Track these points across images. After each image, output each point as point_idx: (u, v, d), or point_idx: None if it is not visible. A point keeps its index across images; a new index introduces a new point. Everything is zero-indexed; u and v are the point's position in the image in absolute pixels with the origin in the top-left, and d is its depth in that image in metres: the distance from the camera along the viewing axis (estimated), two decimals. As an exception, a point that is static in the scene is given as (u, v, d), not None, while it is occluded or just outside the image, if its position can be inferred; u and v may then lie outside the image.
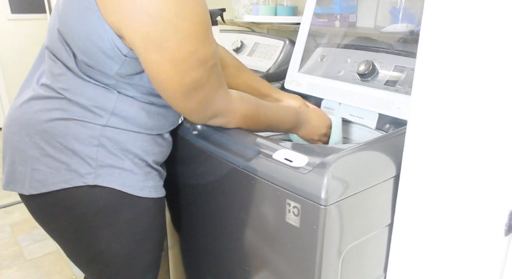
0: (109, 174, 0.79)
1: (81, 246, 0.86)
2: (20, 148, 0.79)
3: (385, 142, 0.83)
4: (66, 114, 0.77)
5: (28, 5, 3.56)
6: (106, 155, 0.79)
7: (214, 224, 0.98)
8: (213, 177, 0.93)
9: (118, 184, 0.80)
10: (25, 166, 0.79)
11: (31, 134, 0.78)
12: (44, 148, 0.77)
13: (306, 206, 0.71)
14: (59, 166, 0.77)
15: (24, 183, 0.80)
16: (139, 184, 0.83)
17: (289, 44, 1.39)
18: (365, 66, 1.06)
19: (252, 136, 0.88)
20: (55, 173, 0.77)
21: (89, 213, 0.81)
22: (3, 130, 0.85)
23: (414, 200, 0.74)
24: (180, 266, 1.23)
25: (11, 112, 0.83)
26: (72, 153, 0.77)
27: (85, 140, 0.77)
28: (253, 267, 0.90)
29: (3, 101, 3.69)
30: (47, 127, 0.77)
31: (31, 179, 0.79)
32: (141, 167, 0.84)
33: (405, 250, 0.79)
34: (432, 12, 0.62)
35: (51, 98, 0.78)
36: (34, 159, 0.78)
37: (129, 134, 0.81)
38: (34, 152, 0.78)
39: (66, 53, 0.76)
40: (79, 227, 0.82)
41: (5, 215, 2.29)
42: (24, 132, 0.79)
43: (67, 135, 0.77)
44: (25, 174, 0.79)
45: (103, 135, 0.78)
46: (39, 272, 1.82)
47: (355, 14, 1.33)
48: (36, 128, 0.78)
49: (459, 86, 0.62)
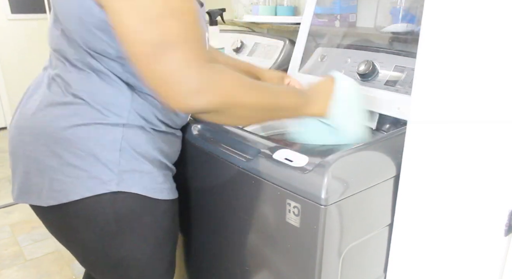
0: (131, 178, 0.77)
1: (102, 255, 0.83)
2: (36, 158, 0.76)
3: (385, 142, 0.83)
4: (87, 119, 0.75)
5: (28, 5, 3.56)
6: (127, 159, 0.76)
7: (214, 224, 0.98)
8: (213, 177, 0.93)
9: (140, 189, 0.78)
10: (42, 176, 0.76)
11: (49, 143, 0.75)
12: (63, 157, 0.74)
13: (306, 206, 0.71)
14: (80, 174, 0.74)
15: (41, 194, 0.77)
16: (158, 186, 0.81)
17: (289, 44, 1.39)
18: (365, 66, 1.06)
19: (253, 136, 0.88)
20: (76, 181, 0.74)
21: (112, 221, 0.78)
22: (12, 140, 0.82)
23: (414, 200, 0.74)
24: (181, 265, 1.23)
25: (21, 122, 0.80)
26: (94, 159, 0.74)
27: (107, 144, 0.75)
28: (253, 267, 0.90)
29: (3, 101, 3.69)
30: (67, 134, 0.74)
31: (49, 189, 0.76)
32: (159, 169, 0.82)
33: (405, 250, 0.79)
34: (432, 12, 0.62)
35: (67, 104, 0.75)
36: (52, 169, 0.75)
37: (147, 135, 0.79)
38: (53, 161, 0.75)
39: (71, 48, 0.74)
40: (102, 236, 0.79)
41: (5, 215, 2.29)
42: (41, 142, 0.76)
43: (89, 141, 0.74)
44: (42, 185, 0.76)
45: (124, 138, 0.76)
46: (39, 272, 1.82)
47: (355, 14, 1.32)
48: (54, 137, 0.75)
49: (459, 86, 0.62)
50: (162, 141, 0.83)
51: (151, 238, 0.84)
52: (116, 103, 0.76)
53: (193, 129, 0.96)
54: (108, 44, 0.72)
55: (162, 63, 0.61)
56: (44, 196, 0.76)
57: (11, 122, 0.84)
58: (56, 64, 0.79)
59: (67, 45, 0.75)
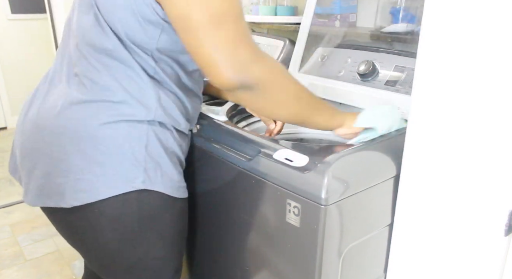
0: (154, 176, 0.77)
1: (119, 256, 0.81)
2: (60, 158, 0.74)
3: (385, 142, 0.83)
4: (114, 117, 0.74)
5: (28, 5, 3.56)
6: (152, 157, 0.76)
7: (214, 223, 0.98)
8: (213, 177, 0.93)
9: (162, 187, 0.78)
10: (66, 176, 0.74)
11: (75, 142, 0.74)
12: (91, 155, 0.73)
13: (306, 205, 0.71)
14: (107, 172, 0.73)
15: (64, 195, 0.74)
16: (176, 184, 0.81)
17: (289, 44, 1.39)
18: (365, 66, 1.06)
19: (253, 136, 0.88)
20: (102, 180, 0.73)
21: (135, 220, 0.77)
22: (25, 142, 0.79)
23: (414, 200, 0.74)
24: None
25: (41, 121, 0.77)
26: (122, 156, 0.74)
27: (134, 141, 0.75)
28: (253, 267, 0.90)
29: (3, 101, 3.69)
30: (95, 132, 0.73)
31: (73, 189, 0.74)
32: (177, 167, 0.82)
33: (405, 250, 0.79)
34: (432, 12, 0.62)
35: (93, 102, 0.74)
36: (78, 168, 0.73)
37: (170, 132, 0.80)
38: (79, 160, 0.73)
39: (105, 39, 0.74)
40: (123, 236, 0.78)
41: (5, 215, 2.29)
42: (66, 141, 0.74)
43: (117, 138, 0.74)
44: (65, 185, 0.74)
45: (150, 135, 0.76)
46: (39, 272, 1.82)
47: (355, 14, 1.32)
48: (81, 135, 0.74)
49: (459, 86, 0.62)
50: (181, 138, 0.84)
51: (167, 238, 0.84)
52: (143, 100, 0.76)
53: (193, 129, 0.96)
54: (151, 36, 0.73)
55: (214, 35, 0.65)
56: (68, 197, 0.74)
57: (23, 120, 0.82)
58: (77, 60, 0.78)
59: (100, 35, 0.74)
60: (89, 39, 0.75)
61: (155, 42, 0.74)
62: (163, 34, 0.74)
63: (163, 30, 0.73)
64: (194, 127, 0.95)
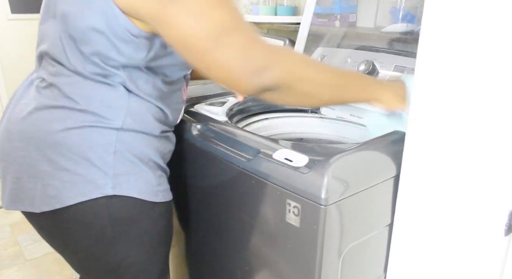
0: (126, 181, 0.76)
1: (97, 261, 0.81)
2: (28, 164, 0.74)
3: (385, 142, 0.83)
4: (80, 122, 0.73)
5: (28, 5, 3.56)
6: (122, 162, 0.75)
7: (214, 224, 0.98)
8: (213, 177, 0.93)
9: (135, 192, 0.77)
10: (34, 182, 0.74)
11: (41, 148, 0.73)
12: (57, 161, 0.73)
13: (306, 205, 0.71)
14: (74, 178, 0.73)
15: (34, 200, 0.75)
16: (153, 189, 0.80)
17: (289, 44, 1.39)
18: (365, 66, 1.06)
19: (253, 136, 0.88)
20: (70, 186, 0.73)
21: (107, 225, 0.76)
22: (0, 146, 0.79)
23: (414, 200, 0.74)
24: (181, 265, 1.24)
25: (11, 126, 0.77)
26: (88, 163, 0.73)
27: (101, 147, 0.74)
28: (253, 267, 0.90)
29: (3, 101, 3.69)
30: (60, 138, 0.73)
31: (42, 195, 0.74)
32: (154, 171, 0.81)
33: (405, 250, 0.79)
34: (432, 12, 0.62)
35: (60, 108, 0.74)
36: (46, 174, 0.73)
37: (142, 137, 0.79)
38: (46, 166, 0.73)
39: (71, 52, 0.73)
40: (96, 241, 0.78)
41: (5, 215, 2.29)
42: (33, 146, 0.74)
43: (83, 144, 0.73)
44: (35, 191, 0.74)
45: (119, 141, 0.75)
46: (39, 272, 1.82)
47: (355, 14, 1.33)
48: (47, 141, 0.73)
49: (459, 86, 0.62)
50: (157, 142, 0.82)
51: (146, 242, 0.83)
52: (111, 107, 0.75)
53: (193, 129, 0.96)
54: (121, 52, 0.72)
55: (222, 51, 0.64)
56: (38, 202, 0.74)
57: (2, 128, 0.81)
58: (46, 67, 0.78)
59: (66, 48, 0.74)
60: (54, 52, 0.75)
61: (125, 57, 0.73)
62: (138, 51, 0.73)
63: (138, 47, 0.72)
64: (194, 129, 0.95)
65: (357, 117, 1.10)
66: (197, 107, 1.07)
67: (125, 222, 0.78)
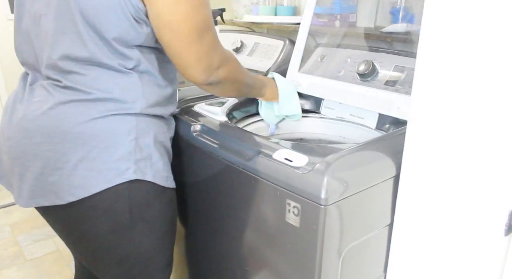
0: (145, 166, 0.80)
1: (112, 249, 0.84)
2: (53, 157, 0.76)
3: (385, 142, 0.83)
4: (103, 112, 0.76)
5: (28, 5, 3.56)
6: (141, 147, 0.79)
7: (214, 223, 0.98)
8: (213, 177, 0.93)
9: (152, 176, 0.81)
10: (59, 174, 0.76)
11: (66, 140, 0.75)
12: (82, 151, 0.75)
13: (306, 206, 0.71)
14: (99, 166, 0.76)
15: (59, 193, 0.76)
16: (164, 174, 0.84)
17: (289, 44, 1.39)
18: (365, 66, 1.06)
19: (253, 136, 0.88)
20: (96, 174, 0.76)
21: (127, 210, 0.80)
22: (13, 146, 0.79)
23: (414, 200, 0.74)
24: (181, 265, 1.24)
25: (27, 124, 0.78)
26: (112, 150, 0.76)
27: (124, 134, 0.77)
28: (253, 267, 0.90)
29: (3, 101, 3.69)
30: (85, 129, 0.75)
31: (68, 186, 0.76)
32: (164, 156, 0.85)
33: (405, 250, 0.79)
34: (432, 12, 0.62)
35: (82, 101, 0.76)
36: (71, 165, 0.75)
37: (156, 121, 0.84)
38: (72, 157, 0.75)
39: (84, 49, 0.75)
40: (116, 226, 0.81)
41: (5, 215, 2.29)
42: (56, 140, 0.75)
43: (107, 132, 0.76)
44: (60, 183, 0.76)
45: (138, 126, 0.79)
46: (39, 272, 1.82)
47: (355, 14, 1.33)
48: (71, 132, 0.75)
49: (459, 86, 0.62)
50: (166, 125, 0.88)
51: (158, 228, 0.87)
52: (126, 95, 0.78)
53: (193, 129, 0.96)
54: (138, 32, 0.76)
55: (202, 44, 0.76)
56: (63, 194, 0.76)
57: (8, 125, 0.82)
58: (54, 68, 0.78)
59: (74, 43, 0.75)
60: (62, 49, 0.76)
61: (141, 37, 0.77)
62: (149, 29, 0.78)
63: (148, 25, 0.77)
64: (194, 129, 0.95)
65: (357, 117, 1.10)
66: (196, 107, 1.07)
67: (141, 206, 0.82)
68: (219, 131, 0.93)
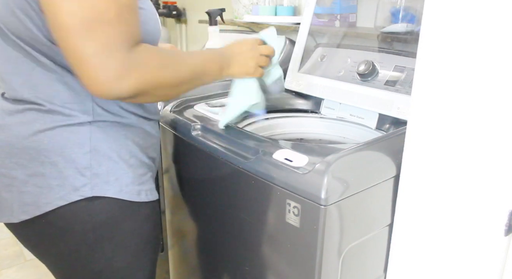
0: (105, 182, 0.71)
1: (79, 268, 0.77)
2: (2, 173, 0.71)
3: (385, 142, 0.83)
4: (49, 123, 0.69)
5: (28, 5, 3.56)
6: (100, 161, 0.71)
7: (214, 224, 0.98)
8: (213, 177, 0.93)
9: (115, 192, 0.72)
10: (10, 191, 0.70)
11: (12, 155, 0.70)
12: (30, 167, 0.69)
13: (306, 206, 0.71)
14: (50, 182, 0.69)
15: (12, 210, 0.71)
16: (135, 188, 0.75)
17: (289, 44, 1.39)
18: (365, 66, 1.06)
19: (253, 136, 0.88)
20: (47, 191, 0.69)
21: (89, 229, 0.72)
22: None
23: (414, 200, 0.74)
24: (180, 265, 1.24)
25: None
26: (63, 165, 0.69)
27: (75, 147, 0.69)
28: (253, 267, 0.90)
29: (3, 101, 3.69)
30: (30, 143, 0.69)
31: (20, 203, 0.70)
32: (136, 168, 0.76)
33: (405, 250, 0.79)
34: (432, 12, 0.62)
35: (23, 111, 0.69)
36: (20, 181, 0.70)
37: (118, 130, 0.73)
38: (19, 173, 0.69)
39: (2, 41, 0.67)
40: (78, 246, 0.74)
41: (5, 215, 2.29)
42: (3, 155, 0.70)
43: (55, 146, 0.69)
44: (12, 200, 0.71)
45: (93, 138, 0.71)
46: (39, 272, 1.82)
47: (355, 14, 1.33)
48: (17, 147, 0.69)
49: (459, 86, 0.62)
50: (134, 133, 0.77)
51: (131, 247, 0.79)
52: (76, 100, 0.69)
53: (193, 129, 0.96)
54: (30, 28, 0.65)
55: (87, 40, 0.58)
56: (16, 212, 0.71)
57: None
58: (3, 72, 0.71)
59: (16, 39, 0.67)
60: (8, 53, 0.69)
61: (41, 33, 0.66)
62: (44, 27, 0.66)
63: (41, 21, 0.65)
64: (194, 129, 0.95)
65: (357, 118, 1.10)
66: (197, 107, 1.07)
67: (107, 225, 0.74)
68: (219, 131, 0.93)
